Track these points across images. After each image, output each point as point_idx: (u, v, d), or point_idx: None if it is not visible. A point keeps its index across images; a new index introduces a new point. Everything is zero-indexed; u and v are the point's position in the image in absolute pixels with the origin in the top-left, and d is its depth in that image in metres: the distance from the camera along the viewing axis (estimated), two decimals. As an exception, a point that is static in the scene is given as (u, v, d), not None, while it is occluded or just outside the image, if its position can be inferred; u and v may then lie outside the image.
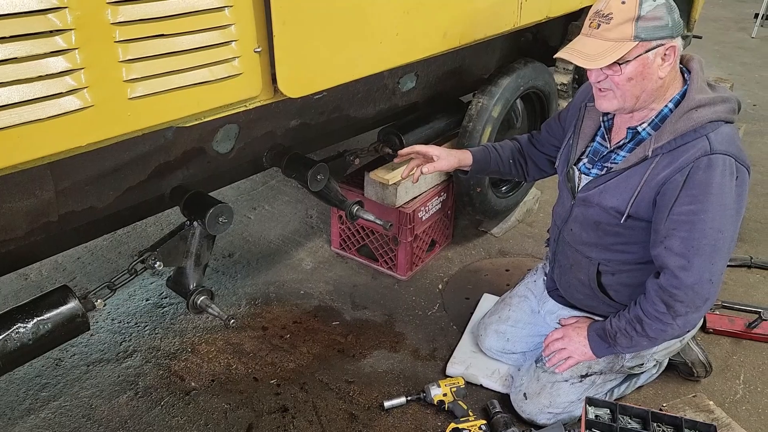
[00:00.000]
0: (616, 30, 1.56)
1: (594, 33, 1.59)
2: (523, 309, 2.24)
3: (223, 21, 1.31)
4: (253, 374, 2.25)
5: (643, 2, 1.55)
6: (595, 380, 1.99)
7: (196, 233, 1.89)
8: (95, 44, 1.11)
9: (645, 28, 1.55)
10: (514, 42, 3.08)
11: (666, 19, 1.56)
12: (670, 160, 1.64)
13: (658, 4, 1.56)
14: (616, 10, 1.56)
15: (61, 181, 1.62)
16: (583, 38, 1.63)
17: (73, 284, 2.69)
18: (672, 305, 1.68)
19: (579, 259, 1.94)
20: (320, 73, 1.57)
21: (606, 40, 1.57)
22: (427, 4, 1.79)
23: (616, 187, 1.74)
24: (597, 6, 1.61)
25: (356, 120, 2.46)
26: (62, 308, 1.56)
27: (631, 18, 1.55)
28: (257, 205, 3.36)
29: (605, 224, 1.81)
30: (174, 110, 1.30)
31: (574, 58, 1.61)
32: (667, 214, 1.65)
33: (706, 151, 1.59)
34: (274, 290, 2.69)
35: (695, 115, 1.62)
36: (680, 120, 1.63)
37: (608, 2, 1.58)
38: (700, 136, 1.61)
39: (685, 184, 1.61)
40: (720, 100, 1.66)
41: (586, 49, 1.60)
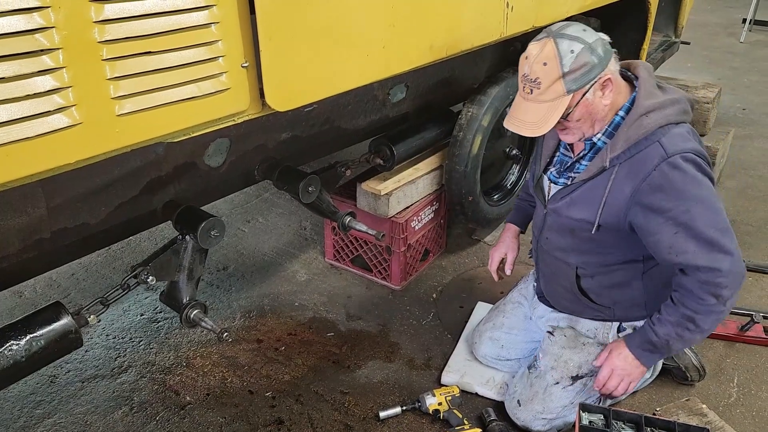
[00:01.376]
0: (548, 92, 1.60)
1: (530, 98, 1.63)
2: (516, 315, 2.25)
3: (210, 37, 1.33)
4: (248, 387, 2.25)
5: (562, 58, 1.57)
6: (586, 383, 2.00)
7: (189, 247, 1.90)
8: (82, 63, 1.13)
9: (574, 80, 1.58)
10: (502, 51, 3.11)
11: (590, 60, 1.58)
12: (629, 169, 1.68)
13: (577, 52, 1.57)
14: (541, 74, 1.59)
15: (52, 198, 1.63)
16: (522, 103, 1.66)
17: (68, 300, 2.69)
18: (720, 294, 1.68)
19: (559, 266, 1.97)
20: (308, 86, 1.59)
21: (543, 103, 1.61)
22: (411, 17, 1.81)
23: (582, 198, 1.79)
24: (522, 69, 1.65)
25: (347, 131, 2.48)
26: (55, 325, 1.57)
27: (557, 77, 1.58)
28: (251, 218, 3.37)
29: (578, 231, 1.85)
30: (162, 126, 1.31)
31: (521, 130, 1.66)
32: (662, 225, 1.66)
33: (662, 156, 1.63)
34: (269, 303, 2.70)
35: (645, 121, 1.65)
36: (631, 128, 1.66)
37: (531, 66, 1.61)
38: (653, 143, 1.65)
39: (658, 190, 1.64)
40: (669, 102, 1.69)
41: (528, 117, 1.64)
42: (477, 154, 2.68)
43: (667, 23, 4.09)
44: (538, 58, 1.59)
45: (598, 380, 1.90)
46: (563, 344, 2.03)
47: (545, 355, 2.04)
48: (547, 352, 2.04)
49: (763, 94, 5.36)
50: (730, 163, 3.90)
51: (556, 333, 2.07)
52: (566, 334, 2.05)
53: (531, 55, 1.62)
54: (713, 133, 3.55)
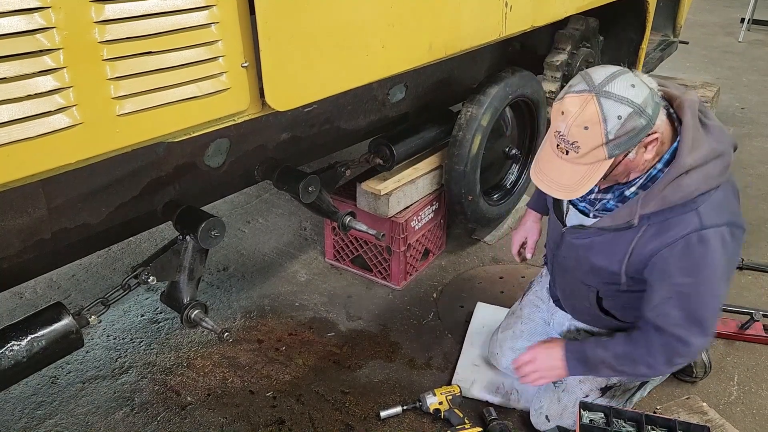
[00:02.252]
0: (587, 156, 1.44)
1: (564, 158, 1.48)
2: (535, 320, 2.17)
3: (210, 37, 1.33)
4: (249, 387, 2.25)
5: (607, 124, 1.40)
6: (615, 392, 1.95)
7: (189, 247, 1.90)
8: (83, 63, 1.13)
9: (618, 145, 1.43)
10: (501, 51, 3.12)
11: (639, 122, 1.42)
12: (657, 230, 1.56)
13: (624, 118, 1.40)
14: (580, 138, 1.42)
15: (53, 198, 1.64)
16: (555, 160, 1.50)
17: (68, 302, 2.69)
18: (674, 361, 1.67)
19: (578, 286, 1.87)
20: (307, 86, 1.59)
21: (579, 165, 1.47)
22: (410, 17, 1.81)
23: (603, 247, 1.68)
24: (557, 125, 1.46)
25: (347, 132, 2.48)
26: (56, 325, 1.57)
27: (599, 144, 1.42)
28: (251, 219, 3.37)
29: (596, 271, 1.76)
30: (163, 126, 1.31)
31: (554, 192, 1.53)
32: (661, 287, 1.60)
33: (696, 227, 1.50)
34: (269, 303, 2.70)
35: (685, 182, 1.49)
36: (668, 187, 1.50)
37: (569, 127, 1.43)
38: (690, 210, 1.51)
39: (676, 259, 1.54)
40: (713, 156, 1.52)
41: (563, 179, 1.50)
42: (476, 153, 2.68)
43: (665, 23, 4.10)
44: (578, 120, 1.41)
45: (518, 359, 1.88)
46: None
47: None
48: None
49: (761, 93, 5.36)
50: (729, 162, 3.90)
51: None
52: None
53: (569, 112, 1.43)
54: (712, 132, 3.56)
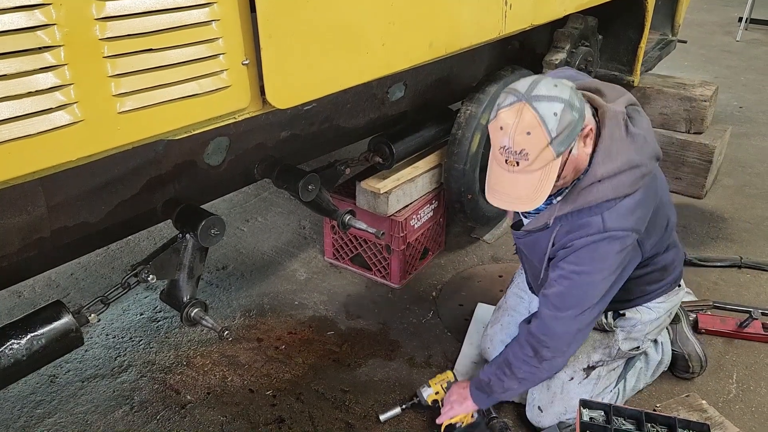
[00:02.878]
0: (537, 161, 1.49)
1: (516, 170, 1.51)
2: (519, 311, 2.23)
3: (211, 34, 1.33)
4: (248, 386, 2.25)
5: (547, 123, 1.46)
6: (600, 372, 2.00)
7: (189, 246, 1.89)
8: (84, 60, 1.13)
9: (561, 141, 1.49)
10: (500, 50, 3.12)
11: (573, 116, 1.49)
12: (568, 230, 1.68)
13: (560, 114, 1.47)
14: (526, 144, 1.47)
15: (52, 196, 1.63)
16: (506, 176, 1.54)
17: (67, 300, 2.67)
18: (539, 350, 1.78)
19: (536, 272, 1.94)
20: (308, 83, 1.59)
21: (532, 173, 1.51)
22: (411, 15, 1.81)
23: (532, 245, 1.83)
24: (500, 141, 1.50)
25: (346, 130, 2.48)
26: (56, 323, 1.56)
27: (545, 144, 1.47)
28: (250, 218, 3.37)
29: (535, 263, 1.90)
30: (163, 123, 1.31)
31: (516, 206, 1.60)
32: (554, 268, 1.73)
33: (599, 229, 1.63)
34: (269, 301, 2.70)
35: (595, 189, 1.61)
36: (581, 193, 1.63)
37: (512, 138, 1.47)
38: (596, 215, 1.63)
39: (573, 252, 1.68)
40: (627, 167, 1.61)
41: (518, 191, 1.54)
42: (476, 152, 2.68)
43: (664, 22, 4.09)
44: (519, 128, 1.46)
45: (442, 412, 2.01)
46: None
47: None
48: None
49: (759, 92, 5.37)
50: (727, 161, 3.91)
51: None
52: None
53: (507, 125, 1.48)
54: (710, 131, 3.56)
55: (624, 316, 1.99)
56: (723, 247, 3.08)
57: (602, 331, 2.00)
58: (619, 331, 1.98)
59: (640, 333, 2.00)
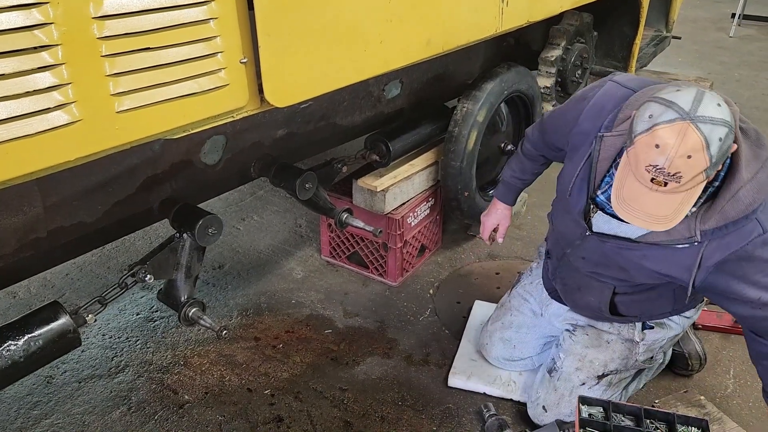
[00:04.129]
0: (688, 183, 1.38)
1: (661, 190, 1.39)
2: (524, 312, 2.19)
3: (209, 33, 1.32)
4: (246, 385, 2.24)
5: (711, 148, 1.33)
6: (611, 380, 1.97)
7: (186, 245, 1.88)
8: (82, 59, 1.12)
9: (715, 164, 1.37)
10: (496, 47, 3.11)
11: (731, 139, 1.38)
12: (718, 244, 1.54)
13: (723, 138, 1.35)
14: (684, 168, 1.35)
15: (49, 196, 1.62)
16: (647, 193, 1.42)
17: (63, 300, 2.63)
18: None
19: (589, 283, 1.87)
20: (306, 82, 1.58)
21: (678, 194, 1.41)
22: (409, 12, 1.81)
23: (663, 259, 1.64)
24: (654, 159, 1.36)
25: (343, 128, 2.47)
26: (53, 324, 1.55)
27: (702, 169, 1.36)
28: (246, 216, 3.36)
29: (636, 273, 1.73)
30: (161, 123, 1.30)
31: (652, 225, 1.48)
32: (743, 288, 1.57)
33: (759, 233, 1.51)
34: (266, 300, 2.69)
35: (743, 195, 1.48)
36: (729, 203, 1.49)
37: (671, 160, 1.34)
38: (750, 222, 1.51)
39: (745, 262, 1.54)
40: (760, 163, 1.51)
41: (658, 210, 1.44)
42: (472, 149, 2.68)
43: (658, 18, 4.11)
44: (680, 151, 1.33)
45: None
46: (586, 343, 1.98)
47: (568, 355, 2.00)
48: (569, 353, 2.00)
49: (752, 88, 5.39)
50: (721, 157, 3.91)
51: (578, 332, 2.01)
52: (588, 333, 2.00)
53: (666, 144, 1.34)
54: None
55: (653, 329, 1.95)
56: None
57: (625, 342, 1.97)
58: (642, 344, 1.95)
59: (658, 345, 1.98)
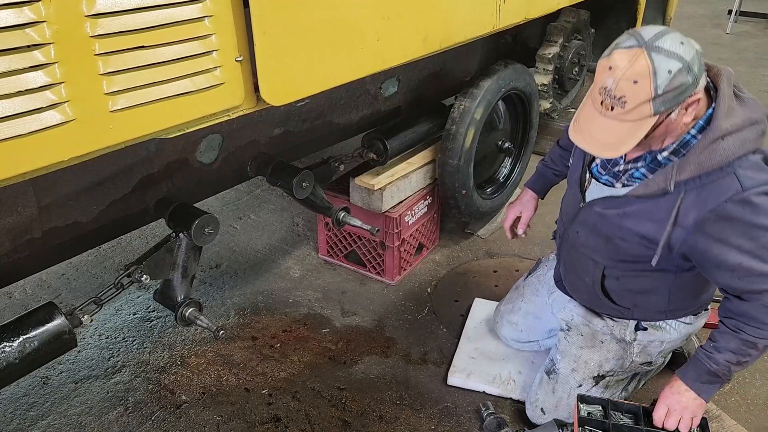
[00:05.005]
0: (633, 112, 1.41)
1: (609, 114, 1.44)
2: (533, 302, 2.23)
3: (204, 31, 1.31)
4: (244, 385, 2.23)
5: (657, 78, 1.37)
6: (608, 382, 1.97)
7: (183, 245, 1.87)
8: (75, 58, 1.11)
9: (664, 101, 1.40)
10: (494, 44, 3.11)
11: (686, 80, 1.40)
12: (696, 197, 1.53)
13: (674, 72, 1.38)
14: (628, 93, 1.40)
15: (43, 196, 1.61)
16: (596, 117, 1.48)
17: (59, 301, 2.65)
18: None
19: (583, 261, 1.88)
20: (303, 80, 1.57)
21: (623, 122, 1.44)
22: (406, 10, 1.80)
23: (639, 214, 1.65)
24: (604, 81, 1.43)
25: (340, 126, 2.46)
26: (48, 325, 1.54)
27: (647, 99, 1.39)
28: (243, 215, 3.34)
29: (620, 241, 1.73)
30: (156, 122, 1.29)
31: (594, 150, 1.52)
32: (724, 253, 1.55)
33: (737, 190, 1.49)
34: (263, 300, 2.68)
35: (722, 146, 1.49)
36: (705, 152, 1.50)
37: (617, 82, 1.40)
38: (728, 174, 1.50)
39: (726, 222, 1.52)
40: (748, 122, 1.52)
41: (604, 136, 1.47)
42: (470, 147, 2.67)
43: (655, 15, 4.09)
44: (627, 74, 1.38)
45: (656, 419, 1.76)
46: (581, 344, 1.98)
47: (563, 357, 2.00)
48: (565, 354, 2.00)
49: (749, 84, 5.39)
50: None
51: (572, 332, 2.01)
52: (582, 333, 1.99)
53: (618, 67, 1.40)
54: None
55: (646, 330, 1.93)
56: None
57: (619, 342, 1.96)
58: (636, 345, 1.94)
59: (655, 350, 1.96)
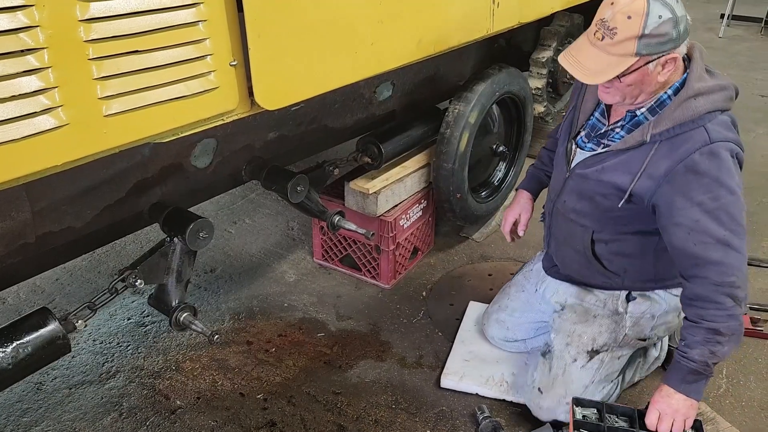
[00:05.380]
0: (619, 46, 1.56)
1: (597, 44, 1.60)
2: (519, 298, 2.29)
3: (198, 35, 1.31)
4: (239, 390, 2.23)
5: (648, 19, 1.53)
6: (603, 358, 2.00)
7: (177, 249, 1.87)
8: (68, 62, 1.11)
9: (648, 45, 1.56)
10: (488, 48, 3.11)
11: (671, 33, 1.56)
12: (669, 148, 1.67)
13: (664, 20, 1.54)
14: (620, 25, 1.55)
15: (37, 201, 1.60)
16: (586, 46, 1.63)
17: (53, 306, 2.63)
18: (735, 295, 1.66)
19: (573, 229, 1.95)
20: (297, 84, 1.57)
21: (608, 54, 1.58)
22: (400, 14, 1.80)
23: (615, 167, 1.76)
24: (603, 13, 1.60)
25: (334, 130, 2.46)
26: (42, 331, 1.54)
27: (634, 35, 1.54)
28: (238, 219, 3.34)
29: (600, 198, 1.83)
30: (150, 126, 1.29)
31: (576, 73, 1.64)
32: (685, 209, 1.66)
33: (705, 141, 1.62)
34: (258, 304, 2.67)
35: (693, 104, 1.64)
36: (678, 108, 1.65)
37: (614, 14, 1.56)
38: (698, 126, 1.64)
39: (692, 177, 1.63)
40: (718, 88, 1.68)
41: (588, 62, 1.62)
42: (464, 151, 2.68)
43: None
44: (625, 9, 1.54)
45: (648, 425, 1.79)
46: (574, 320, 2.04)
47: (558, 333, 2.05)
48: (559, 331, 2.05)
49: (742, 87, 5.35)
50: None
51: (566, 311, 2.07)
52: (576, 311, 2.05)
53: (619, 2, 1.56)
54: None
55: (636, 300, 1.98)
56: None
57: (611, 316, 2.00)
58: (628, 317, 1.98)
59: (648, 323, 1.99)
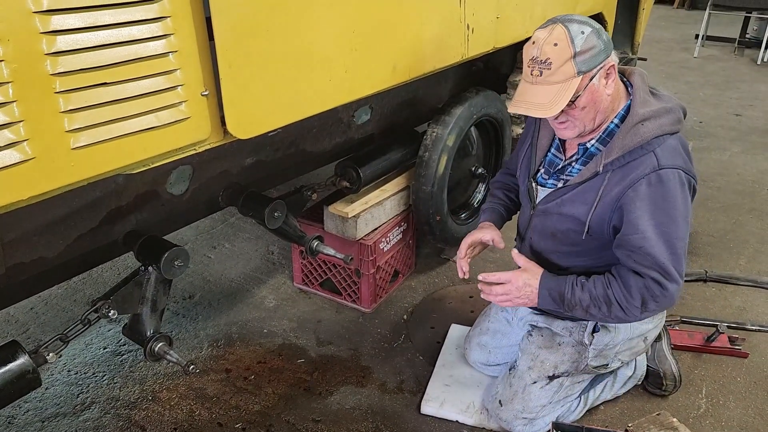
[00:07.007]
0: (558, 73, 1.61)
1: (538, 80, 1.64)
2: (499, 320, 2.30)
3: (168, 66, 1.31)
4: (217, 419, 2.19)
5: (574, 38, 1.61)
6: (562, 382, 2.02)
7: (152, 279, 1.85)
8: (34, 96, 1.10)
9: (584, 61, 1.62)
10: (465, 71, 3.14)
11: (598, 44, 1.63)
12: (621, 176, 1.70)
13: (587, 34, 1.62)
14: (552, 54, 1.61)
15: (6, 232, 1.57)
16: (529, 87, 1.67)
17: (27, 335, 2.60)
18: (648, 303, 1.74)
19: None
20: (270, 112, 1.57)
21: (552, 85, 1.63)
22: (373, 41, 1.81)
23: (573, 200, 1.81)
24: (530, 53, 1.66)
25: (313, 155, 2.46)
26: (11, 365, 1.50)
27: (569, 57, 1.61)
28: (217, 244, 3.31)
29: (561, 234, 1.87)
30: (120, 158, 1.28)
31: (531, 111, 1.66)
32: (629, 232, 1.70)
33: (654, 167, 1.67)
34: (237, 330, 2.64)
35: (641, 130, 1.69)
36: (627, 136, 1.69)
37: (541, 48, 1.63)
38: (647, 152, 1.68)
39: (642, 200, 1.67)
40: (664, 111, 1.72)
41: (538, 99, 1.65)
42: (443, 174, 2.69)
43: (623, 40, 4.19)
44: (548, 40, 1.61)
45: (493, 277, 1.88)
46: (540, 344, 2.05)
47: (523, 354, 2.07)
48: (524, 352, 2.07)
49: (717, 107, 5.52)
50: (689, 176, 3.98)
51: (534, 333, 2.09)
52: (543, 334, 2.06)
53: (539, 39, 1.63)
54: (672, 146, 3.63)
55: (599, 332, 1.99)
56: (688, 261, 3.05)
57: (575, 345, 2.01)
58: (591, 349, 2.00)
59: (611, 352, 2.01)
